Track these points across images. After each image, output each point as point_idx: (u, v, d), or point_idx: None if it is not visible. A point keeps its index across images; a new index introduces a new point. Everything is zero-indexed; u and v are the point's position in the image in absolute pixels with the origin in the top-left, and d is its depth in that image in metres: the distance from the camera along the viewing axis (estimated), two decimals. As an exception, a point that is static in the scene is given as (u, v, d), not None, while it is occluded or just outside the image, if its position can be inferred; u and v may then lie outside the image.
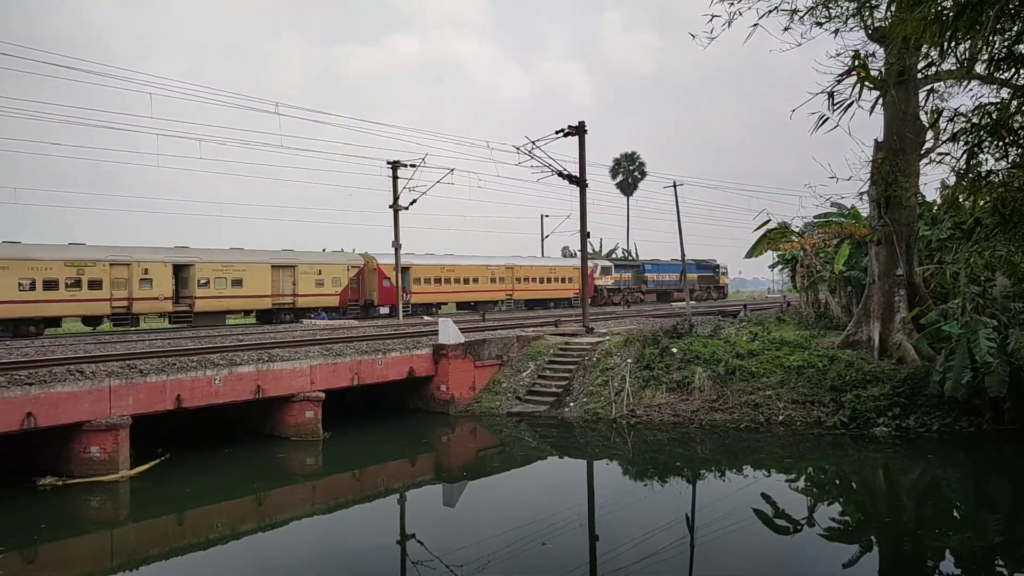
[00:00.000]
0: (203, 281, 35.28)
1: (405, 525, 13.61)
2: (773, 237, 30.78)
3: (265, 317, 38.84)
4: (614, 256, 76.22)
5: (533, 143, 28.52)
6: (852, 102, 12.32)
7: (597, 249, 72.55)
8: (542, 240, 70.30)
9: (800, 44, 17.63)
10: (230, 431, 19.47)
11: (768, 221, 30.49)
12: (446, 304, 48.67)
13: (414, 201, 38.86)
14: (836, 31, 17.76)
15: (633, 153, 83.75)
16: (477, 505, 14.94)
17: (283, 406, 18.84)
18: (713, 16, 15.18)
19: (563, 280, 55.06)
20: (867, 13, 17.80)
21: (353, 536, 13.03)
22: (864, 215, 25.65)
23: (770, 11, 16.74)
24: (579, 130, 28.71)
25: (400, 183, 38.84)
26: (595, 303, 53.25)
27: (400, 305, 40.13)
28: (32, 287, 29.69)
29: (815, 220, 31.33)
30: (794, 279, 33.48)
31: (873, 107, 16.86)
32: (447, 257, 48.69)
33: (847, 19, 17.94)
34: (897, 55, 14.82)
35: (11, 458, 15.95)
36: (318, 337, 24.39)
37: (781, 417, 18.83)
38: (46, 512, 13.58)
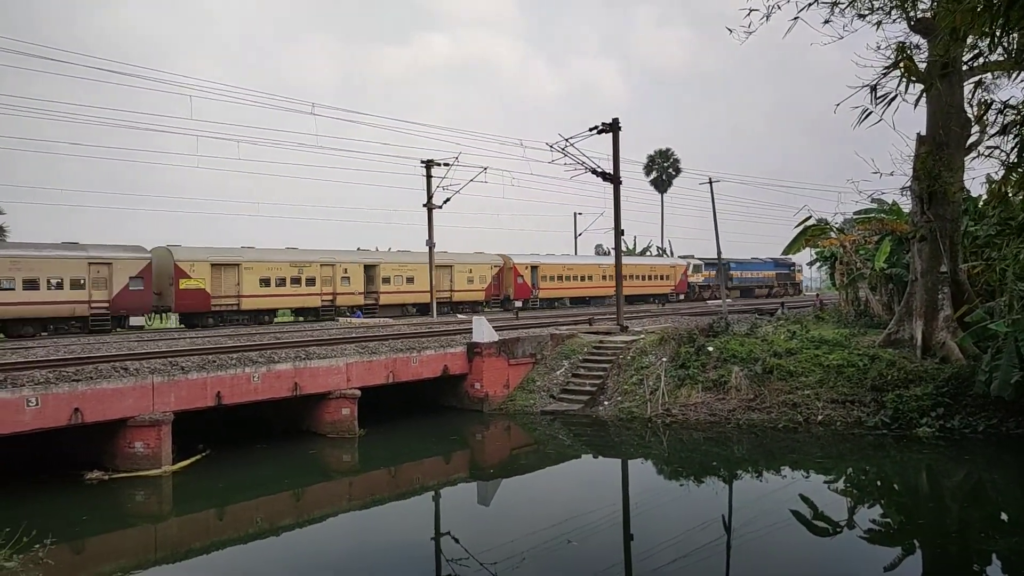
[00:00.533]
0: (386, 278, 42.49)
1: (440, 522, 13.70)
2: (812, 234, 30.22)
3: (423, 310, 44.32)
4: (649, 253, 75.67)
5: (566, 141, 28.45)
6: (895, 96, 12.03)
7: (631, 247, 72.06)
8: (575, 238, 70.11)
9: (842, 37, 17.24)
10: (268, 428, 19.80)
11: (809, 218, 29.95)
12: (561, 299, 53.49)
13: (448, 200, 39.10)
14: (878, 23, 17.35)
15: (667, 150, 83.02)
16: (511, 503, 14.97)
17: (320, 403, 19.09)
18: (751, 10, 14.94)
19: (662, 277, 59.59)
20: (910, 4, 17.37)
21: (388, 533, 13.15)
22: (906, 211, 25.07)
23: (810, 3, 16.43)
24: (612, 127, 28.55)
25: (433, 182, 39.08)
26: (688, 299, 60.28)
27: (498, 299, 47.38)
28: (267, 284, 37.12)
29: (854, 217, 30.69)
30: (833, 276, 32.83)
31: (918, 100, 16.47)
32: (566, 257, 55.65)
33: (890, 10, 17.51)
34: (942, 47, 14.43)
35: (60, 452, 16.45)
36: (354, 335, 24.65)
37: (820, 417, 18.51)
38: (93, 505, 13.97)
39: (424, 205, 39.53)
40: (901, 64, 14.19)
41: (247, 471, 16.42)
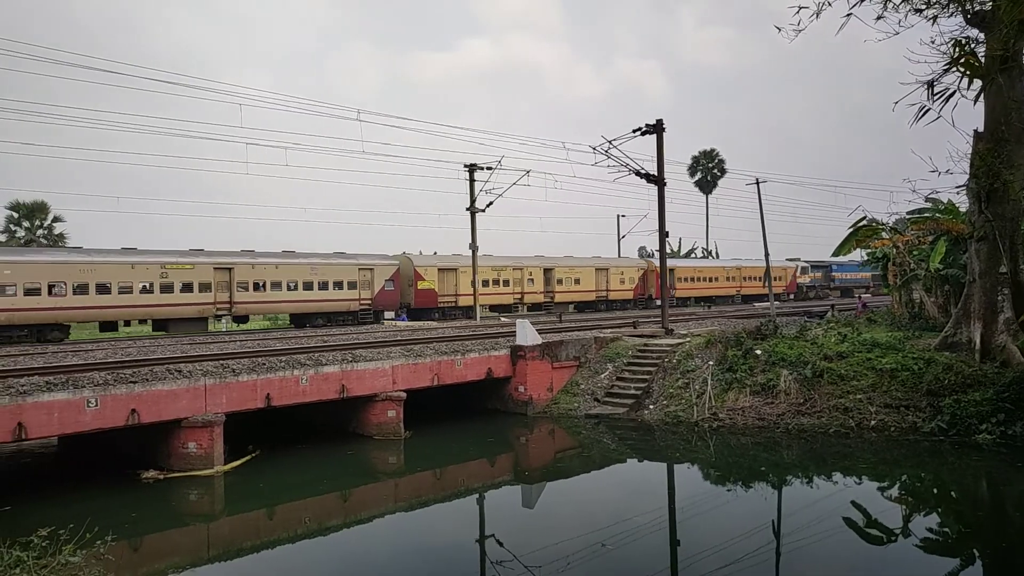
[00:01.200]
0: (560, 280, 49.88)
1: (484, 525, 13.74)
2: (863, 235, 29.47)
3: (581, 307, 51.75)
4: (694, 255, 74.82)
5: (610, 143, 28.32)
6: (954, 92, 11.63)
7: (675, 249, 71.35)
8: (618, 240, 69.81)
9: (897, 33, 16.73)
10: (315, 429, 20.14)
11: (864, 218, 29.22)
12: (695, 298, 59.37)
13: (491, 203, 39.28)
14: (934, 17, 16.82)
15: (712, 150, 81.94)
16: (556, 507, 14.94)
17: (366, 405, 19.34)
18: (800, 7, 14.66)
19: (776, 279, 63.25)
20: None
21: (434, 534, 13.26)
22: (962, 210, 24.27)
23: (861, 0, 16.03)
24: (657, 128, 28.32)
25: (476, 186, 39.29)
26: (796, 298, 65.00)
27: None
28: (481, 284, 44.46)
29: (907, 216, 29.84)
30: (885, 278, 31.96)
31: (978, 96, 15.93)
32: (696, 260, 63.32)
33: (948, 3, 16.95)
34: (1003, 40, 13.94)
35: (118, 452, 17.02)
36: (399, 338, 24.92)
37: (873, 422, 18.03)
38: (150, 504, 14.40)
39: (467, 209, 39.76)
40: (962, 60, 13.72)
41: (295, 472, 16.72)
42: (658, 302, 50.30)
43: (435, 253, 46.69)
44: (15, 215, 48.30)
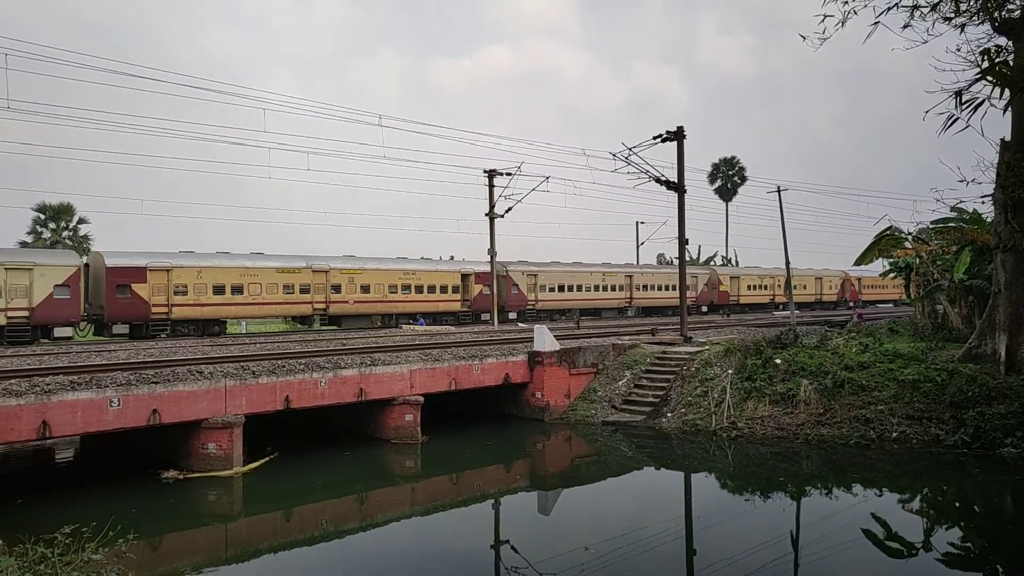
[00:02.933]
0: (647, 286, 55.16)
1: (500, 530, 13.75)
2: (886, 244, 29.15)
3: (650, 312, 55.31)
4: (713, 263, 74.37)
5: (630, 149, 28.30)
6: (983, 101, 11.51)
7: (695, 256, 70.99)
8: (637, 247, 69.64)
9: (926, 42, 16.62)
10: (333, 432, 20.25)
11: (890, 227, 28.91)
12: (756, 304, 63.92)
13: (510, 209, 39.32)
14: (962, 26, 16.65)
15: (732, 158, 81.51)
16: (572, 514, 14.89)
17: (384, 409, 19.42)
18: (825, 16, 14.60)
19: (831, 287, 69.54)
20: (994, 4, 16.61)
21: (449, 539, 13.27)
22: (988, 220, 23.94)
23: (889, 8, 15.91)
24: (677, 135, 28.25)
25: (496, 191, 39.37)
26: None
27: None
28: (560, 290, 49.08)
29: (931, 226, 29.47)
30: (908, 288, 31.58)
31: (1007, 106, 15.76)
32: (757, 270, 65.96)
33: (976, 12, 16.78)
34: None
35: (139, 452, 17.22)
36: (417, 343, 25.01)
37: (895, 434, 17.80)
38: (170, 503, 14.56)
39: (486, 214, 39.85)
40: (995, 68, 13.56)
41: (313, 474, 16.82)
42: (721, 308, 58.18)
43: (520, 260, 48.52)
44: (41, 216, 49.08)
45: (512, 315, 45.50)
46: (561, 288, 49.13)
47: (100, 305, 31.68)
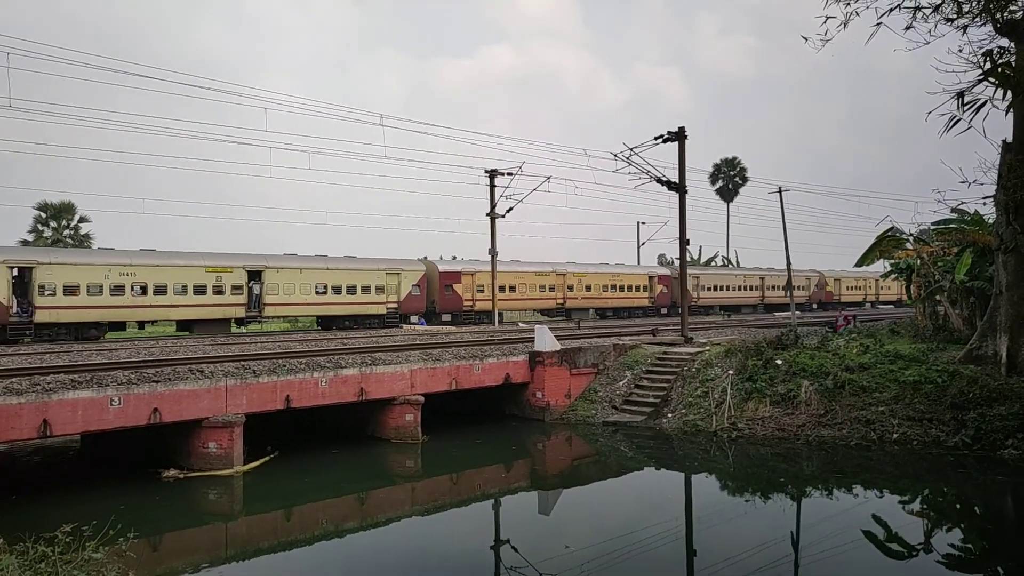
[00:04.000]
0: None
1: (500, 530, 13.74)
2: (887, 246, 29.13)
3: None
4: (714, 263, 74.37)
5: (631, 150, 28.29)
6: (985, 102, 11.51)
7: (696, 257, 70.97)
8: (638, 247, 69.60)
9: (928, 43, 16.61)
10: (334, 432, 20.25)
11: (892, 228, 28.90)
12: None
13: (511, 209, 39.33)
14: (964, 27, 16.64)
15: (734, 158, 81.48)
16: (572, 514, 14.90)
17: (384, 409, 19.43)
18: (828, 17, 14.60)
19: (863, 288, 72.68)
20: (996, 5, 16.60)
21: (449, 539, 13.27)
22: (989, 221, 23.92)
23: (891, 9, 15.91)
24: (679, 136, 28.25)
25: (496, 191, 39.37)
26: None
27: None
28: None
29: (932, 227, 29.45)
30: (909, 289, 31.55)
31: (1009, 107, 15.75)
32: (844, 272, 68.73)
33: (978, 13, 16.77)
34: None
35: (140, 451, 17.22)
36: (418, 342, 25.01)
37: (895, 435, 17.79)
38: (170, 502, 14.57)
39: (487, 214, 39.85)
40: (998, 70, 13.55)
41: (313, 473, 16.83)
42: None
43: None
44: (43, 215, 49.12)
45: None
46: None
47: (433, 300, 42.48)
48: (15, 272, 29.84)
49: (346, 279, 38.79)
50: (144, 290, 32.37)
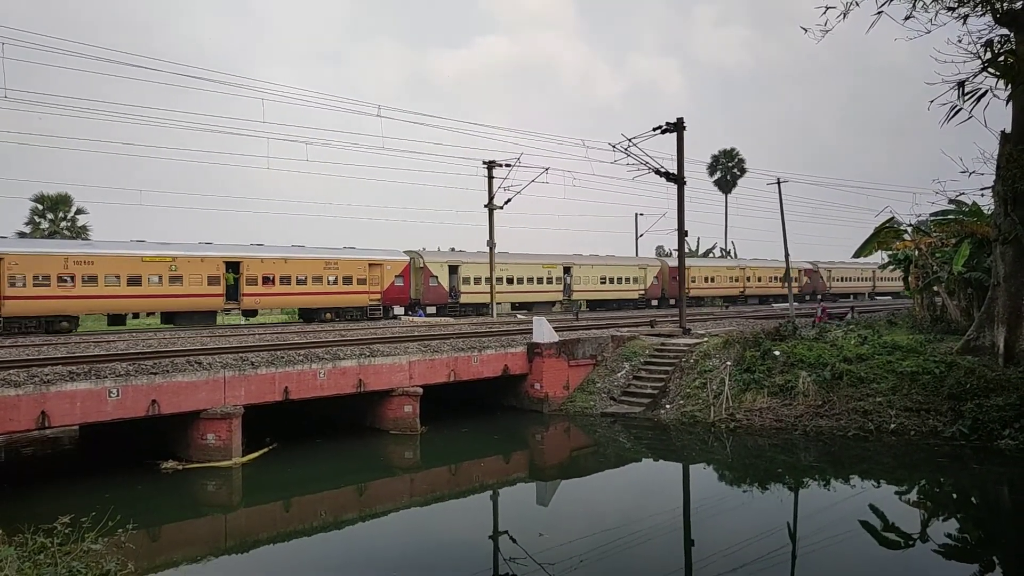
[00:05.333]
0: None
1: (498, 521, 13.78)
2: (885, 237, 29.11)
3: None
4: (712, 254, 74.40)
5: (629, 141, 28.22)
6: (986, 92, 11.48)
7: (694, 248, 70.97)
8: (636, 239, 69.56)
9: (929, 31, 16.55)
10: (332, 423, 20.27)
11: (891, 219, 28.88)
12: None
13: (509, 200, 39.23)
14: (965, 17, 16.57)
15: (732, 150, 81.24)
16: (570, 505, 14.94)
17: (383, 400, 19.44)
18: (827, 7, 14.55)
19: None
20: None
21: (448, 530, 13.31)
22: (987, 212, 23.91)
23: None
24: (677, 127, 28.19)
25: (495, 183, 39.28)
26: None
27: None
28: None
29: (931, 219, 29.44)
30: (907, 280, 31.55)
31: (1010, 98, 15.71)
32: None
33: (978, 3, 16.72)
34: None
35: (138, 442, 17.23)
36: (416, 334, 25.00)
37: (893, 425, 17.84)
38: (168, 494, 14.59)
39: (485, 206, 39.77)
40: (999, 59, 13.51)
41: (312, 465, 16.85)
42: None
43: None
44: (40, 207, 48.97)
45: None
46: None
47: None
48: None
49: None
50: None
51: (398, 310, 41.02)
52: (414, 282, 41.54)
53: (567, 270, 48.98)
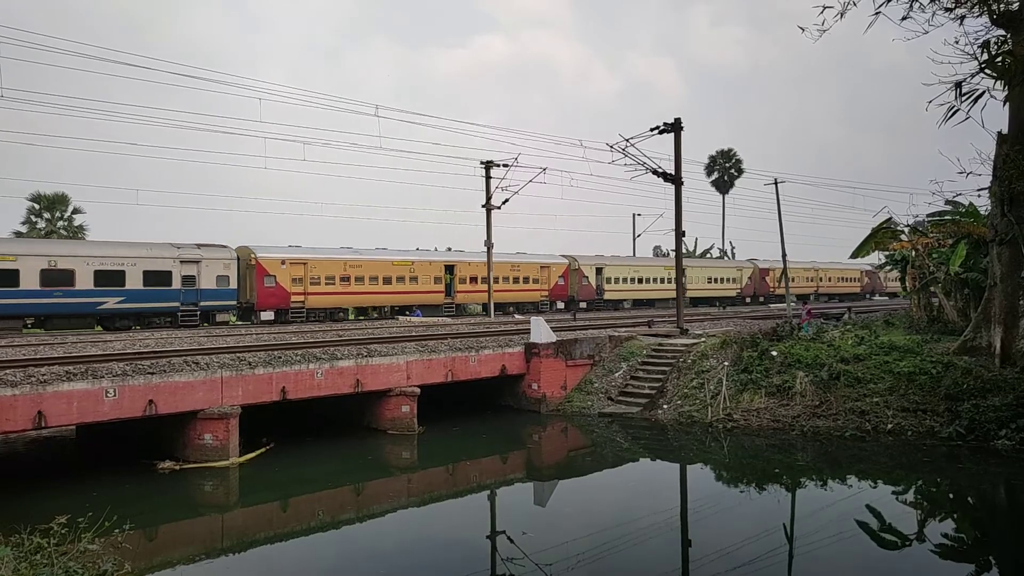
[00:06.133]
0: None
1: (496, 521, 13.77)
2: (882, 237, 29.17)
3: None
4: (709, 255, 74.48)
5: (627, 141, 28.23)
6: (983, 92, 11.51)
7: (691, 249, 71.02)
8: (634, 239, 69.55)
9: (927, 32, 16.57)
10: (329, 423, 20.25)
11: (889, 219, 28.92)
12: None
13: (507, 200, 39.20)
14: (961, 18, 16.62)
15: (729, 150, 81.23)
16: (568, 505, 14.94)
17: (380, 400, 19.42)
18: (825, 7, 14.57)
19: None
20: None
21: (445, 530, 13.30)
22: (984, 213, 23.97)
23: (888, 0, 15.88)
24: (675, 127, 28.20)
25: (492, 183, 39.27)
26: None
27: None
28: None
29: (927, 219, 29.49)
30: (904, 281, 31.62)
31: (1007, 99, 15.74)
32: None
33: (975, 4, 16.76)
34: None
35: (135, 442, 17.20)
36: (414, 334, 24.98)
37: (890, 425, 17.87)
38: (165, 494, 14.56)
39: (483, 206, 39.75)
40: (996, 60, 13.54)
41: (309, 465, 16.83)
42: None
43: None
44: (36, 207, 48.84)
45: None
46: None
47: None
48: None
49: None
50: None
51: (558, 305, 47.03)
52: (571, 281, 47.50)
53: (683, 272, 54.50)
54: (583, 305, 48.07)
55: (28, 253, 29.13)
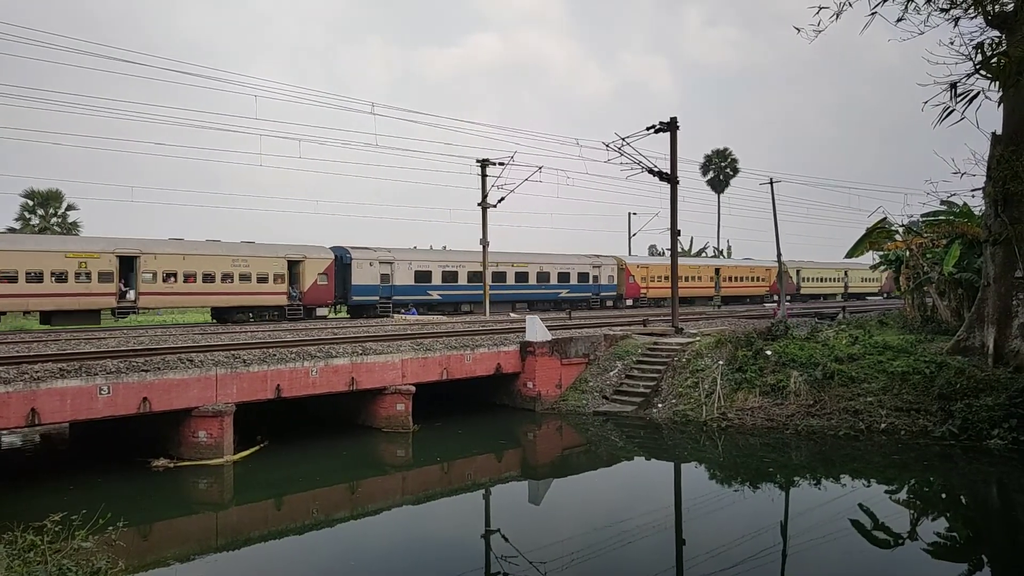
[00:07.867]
0: (810, 278, 67.12)
1: (490, 520, 13.78)
2: (876, 237, 29.25)
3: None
4: (705, 254, 74.63)
5: (623, 140, 28.24)
6: (978, 93, 11.55)
7: (687, 248, 71.13)
8: (629, 238, 69.58)
9: (923, 33, 16.64)
10: (324, 421, 20.23)
11: (884, 219, 29.01)
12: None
13: (502, 199, 39.19)
14: (957, 19, 16.68)
15: (725, 149, 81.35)
16: (562, 503, 14.96)
17: (375, 398, 19.40)
18: (820, 8, 14.60)
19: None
20: None
21: (440, 528, 13.30)
22: (978, 213, 24.06)
23: (884, 0, 15.93)
24: (671, 126, 28.21)
25: (488, 181, 39.24)
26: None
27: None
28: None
29: (922, 219, 29.60)
30: (898, 281, 31.73)
31: (1002, 99, 15.80)
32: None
33: (969, 5, 16.83)
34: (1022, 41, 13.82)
35: (129, 440, 17.15)
36: (409, 332, 24.96)
37: (883, 425, 17.93)
38: (160, 492, 14.52)
39: (478, 204, 39.74)
40: (992, 60, 13.59)
41: (304, 463, 16.81)
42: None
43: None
44: (30, 203, 48.69)
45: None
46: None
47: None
48: None
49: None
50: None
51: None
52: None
53: (798, 272, 63.28)
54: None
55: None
